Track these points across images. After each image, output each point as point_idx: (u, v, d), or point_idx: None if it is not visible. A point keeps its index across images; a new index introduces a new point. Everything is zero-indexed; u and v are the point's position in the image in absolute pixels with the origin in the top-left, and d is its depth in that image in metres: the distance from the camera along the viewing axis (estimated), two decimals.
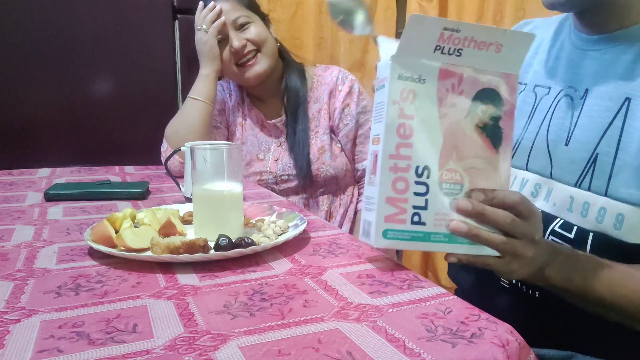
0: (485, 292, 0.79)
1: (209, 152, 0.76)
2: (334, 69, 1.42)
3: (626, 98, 0.65)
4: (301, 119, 1.35)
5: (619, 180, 0.64)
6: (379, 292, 0.57)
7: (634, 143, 0.63)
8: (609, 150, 0.66)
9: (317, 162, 1.34)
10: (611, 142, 0.66)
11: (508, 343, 0.47)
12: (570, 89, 0.73)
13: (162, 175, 1.31)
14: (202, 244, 0.66)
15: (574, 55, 0.74)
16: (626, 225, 0.63)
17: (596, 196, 0.66)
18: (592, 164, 0.67)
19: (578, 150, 0.69)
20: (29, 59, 1.45)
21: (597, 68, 0.70)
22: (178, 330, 0.48)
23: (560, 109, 0.73)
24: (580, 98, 0.71)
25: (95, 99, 1.52)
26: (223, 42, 1.30)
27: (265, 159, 1.38)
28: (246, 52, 1.29)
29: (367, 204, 0.63)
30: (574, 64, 0.73)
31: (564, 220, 0.70)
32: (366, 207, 0.63)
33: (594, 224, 0.66)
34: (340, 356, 0.44)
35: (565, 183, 0.70)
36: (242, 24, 1.29)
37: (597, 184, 0.66)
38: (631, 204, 0.63)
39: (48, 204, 0.99)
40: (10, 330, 0.48)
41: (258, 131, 1.40)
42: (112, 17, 1.51)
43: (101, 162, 1.44)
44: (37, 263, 0.66)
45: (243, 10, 1.30)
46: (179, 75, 1.59)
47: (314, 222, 0.87)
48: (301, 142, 1.34)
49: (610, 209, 0.65)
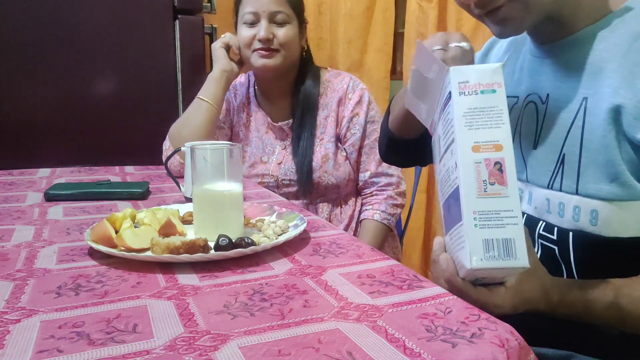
0: None
1: (209, 152, 0.76)
2: (345, 76, 1.41)
3: (583, 97, 0.68)
4: (308, 125, 1.34)
5: (587, 177, 0.66)
6: (379, 292, 0.57)
7: (596, 139, 0.65)
8: (574, 150, 0.68)
9: (319, 170, 1.33)
10: (575, 141, 0.68)
11: (508, 343, 0.47)
12: (534, 96, 0.76)
13: (162, 175, 1.31)
14: (202, 244, 0.66)
15: (534, 64, 0.77)
16: (601, 220, 0.65)
17: (569, 195, 0.68)
18: (561, 165, 0.69)
19: (546, 152, 0.72)
20: (29, 59, 1.45)
21: (554, 73, 0.73)
22: (178, 330, 0.48)
23: (527, 115, 0.77)
24: (542, 103, 0.74)
25: (96, 99, 1.52)
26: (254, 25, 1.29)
27: (269, 162, 1.38)
28: (267, 46, 1.29)
29: (490, 218, 0.54)
30: (535, 72, 0.77)
31: (545, 222, 0.72)
32: (486, 224, 0.54)
33: (572, 223, 0.68)
34: (340, 356, 0.44)
35: (539, 186, 0.72)
36: (278, 19, 1.29)
37: (568, 183, 0.68)
38: (602, 199, 0.65)
39: (48, 204, 0.99)
40: (10, 330, 0.48)
41: (263, 133, 1.40)
42: (113, 17, 1.51)
43: (101, 162, 1.44)
44: (37, 263, 0.66)
45: (286, 7, 1.30)
46: (179, 75, 1.59)
47: (314, 222, 0.87)
48: (305, 148, 1.33)
49: (584, 207, 0.66)
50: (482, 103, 0.56)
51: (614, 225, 0.65)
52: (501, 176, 0.54)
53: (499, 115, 0.55)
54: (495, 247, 0.53)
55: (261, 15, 1.28)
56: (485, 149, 0.55)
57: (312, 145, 1.34)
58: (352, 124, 1.36)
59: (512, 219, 0.53)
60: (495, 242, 0.53)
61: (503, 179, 0.54)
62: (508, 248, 0.53)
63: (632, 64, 0.64)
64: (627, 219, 0.64)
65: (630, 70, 0.64)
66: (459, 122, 0.56)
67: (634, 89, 0.62)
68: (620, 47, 0.66)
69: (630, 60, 0.65)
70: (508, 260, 0.52)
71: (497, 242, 0.53)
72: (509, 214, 0.53)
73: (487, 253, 0.53)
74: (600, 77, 0.67)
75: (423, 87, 0.68)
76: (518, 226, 0.53)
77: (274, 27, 1.29)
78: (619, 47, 0.66)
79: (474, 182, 0.54)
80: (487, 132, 0.55)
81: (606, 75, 0.66)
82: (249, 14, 1.29)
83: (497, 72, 0.57)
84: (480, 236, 0.53)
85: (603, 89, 0.66)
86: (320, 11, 2.14)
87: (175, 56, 1.58)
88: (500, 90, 0.56)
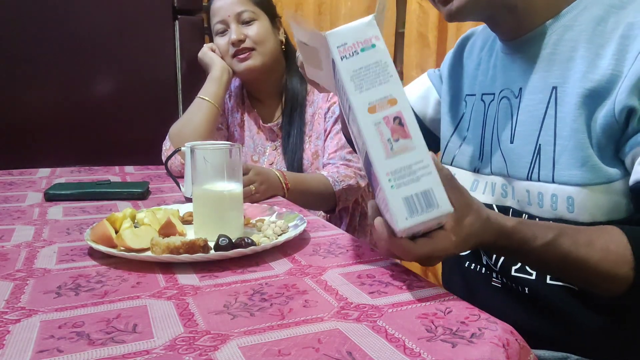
0: (477, 295, 0.79)
1: (209, 152, 0.76)
2: None
3: (553, 87, 0.70)
4: (297, 123, 1.34)
5: (561, 165, 0.68)
6: (379, 292, 0.57)
7: (567, 126, 0.67)
8: (549, 139, 0.69)
9: (311, 167, 1.33)
10: (549, 131, 0.70)
11: (508, 343, 0.47)
12: (507, 91, 0.78)
13: (162, 175, 1.31)
14: (202, 244, 0.66)
15: (505, 61, 0.79)
16: (577, 207, 0.66)
17: (546, 185, 0.69)
18: (537, 155, 0.71)
19: (523, 145, 0.73)
20: (29, 59, 1.45)
21: (524, 67, 0.75)
22: (178, 330, 0.48)
23: (502, 111, 0.78)
24: (515, 97, 0.76)
25: (96, 99, 1.52)
26: (225, 33, 1.31)
27: (260, 162, 1.38)
28: (242, 47, 1.30)
29: (403, 175, 0.54)
30: (506, 68, 0.79)
31: (528, 214, 0.73)
32: (402, 182, 0.54)
33: (551, 212, 0.69)
34: (340, 356, 0.44)
35: (519, 179, 0.73)
36: (245, 19, 1.30)
37: (544, 173, 0.69)
38: (575, 184, 0.66)
39: (48, 204, 0.99)
40: (10, 330, 0.48)
41: (254, 133, 1.40)
42: (112, 18, 1.51)
43: (101, 162, 1.44)
44: (37, 263, 0.66)
45: (250, 5, 1.30)
46: (179, 75, 1.59)
47: (314, 222, 0.87)
48: (295, 146, 1.33)
49: (560, 194, 0.67)
50: (365, 61, 0.55)
51: (590, 210, 0.66)
52: (403, 130, 0.54)
53: (385, 68, 0.55)
54: (417, 202, 0.53)
55: (228, 20, 1.30)
56: (380, 107, 0.54)
57: (301, 142, 1.34)
58: (329, 113, 1.33)
59: (424, 169, 0.53)
60: (415, 197, 0.53)
61: (405, 132, 0.54)
62: (428, 199, 0.53)
63: (598, 46, 0.67)
64: (601, 202, 0.66)
65: (596, 52, 0.67)
66: (349, 88, 0.55)
67: (600, 70, 0.65)
68: (586, 32, 0.69)
69: (595, 43, 0.67)
70: (432, 211, 0.53)
71: (417, 197, 0.53)
72: (420, 165, 0.53)
73: (410, 210, 0.53)
74: (569, 65, 0.69)
75: (313, 56, 0.67)
76: (432, 175, 0.53)
77: (243, 28, 1.30)
78: (584, 32, 0.69)
79: (380, 144, 0.54)
80: (378, 89, 0.54)
81: (575, 63, 0.68)
82: (218, 24, 1.32)
83: (371, 24, 0.55)
84: (399, 195, 0.53)
85: (572, 76, 0.68)
86: (321, 11, 2.14)
87: (175, 56, 1.58)
88: (379, 43, 0.55)
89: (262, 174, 1.05)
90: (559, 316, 0.71)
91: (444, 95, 0.92)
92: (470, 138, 0.84)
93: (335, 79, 0.60)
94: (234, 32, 1.29)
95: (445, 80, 0.92)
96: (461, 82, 0.90)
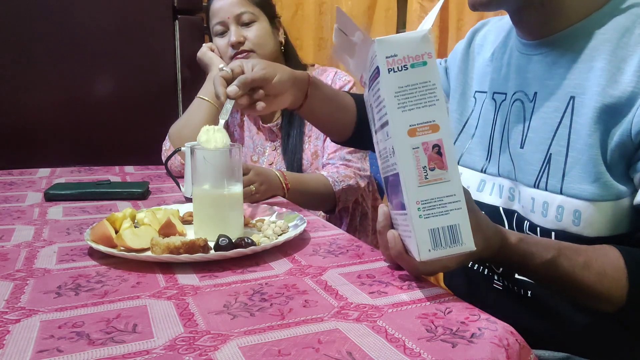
0: (478, 295, 0.79)
1: (209, 152, 0.76)
2: (331, 71, 1.39)
3: (571, 97, 0.68)
4: (296, 123, 1.34)
5: (571, 177, 0.66)
6: (379, 292, 0.57)
7: (581, 139, 0.66)
8: (561, 149, 0.68)
9: (310, 167, 1.33)
10: (562, 141, 0.68)
11: (508, 343, 0.47)
12: (521, 94, 0.75)
13: (162, 175, 1.30)
14: (202, 244, 0.66)
15: (521, 61, 0.76)
16: (583, 221, 0.65)
17: (553, 195, 0.68)
18: (547, 164, 0.69)
19: (533, 151, 0.71)
20: (29, 59, 1.45)
21: (542, 71, 0.72)
22: (178, 330, 0.48)
23: (514, 114, 0.76)
24: (530, 101, 0.73)
25: (96, 99, 1.52)
26: (225, 34, 1.31)
27: (259, 162, 1.38)
28: (241, 49, 1.29)
29: (433, 206, 0.53)
30: (521, 69, 0.76)
31: (530, 221, 0.72)
32: (431, 213, 0.53)
33: (555, 223, 0.68)
34: (340, 356, 0.44)
35: (526, 185, 0.72)
36: (245, 20, 1.29)
37: (553, 182, 0.68)
38: (585, 199, 0.65)
39: (48, 204, 0.99)
40: (10, 330, 0.48)
41: (254, 133, 1.40)
42: (112, 17, 1.51)
43: (101, 162, 1.44)
44: (37, 263, 0.66)
45: (250, 6, 1.30)
46: (179, 75, 1.59)
47: (314, 222, 0.87)
48: (294, 146, 1.33)
49: (567, 207, 0.66)
50: (413, 79, 0.53)
51: (596, 225, 0.65)
52: (440, 160, 0.52)
53: (432, 91, 0.53)
54: (442, 236, 0.53)
55: (228, 21, 1.29)
56: (421, 131, 0.52)
57: (301, 142, 1.33)
58: None
59: (455, 204, 0.52)
60: (441, 231, 0.52)
61: (443, 162, 0.52)
62: (454, 234, 0.52)
63: (620, 59, 0.64)
64: (607, 218, 0.65)
65: (617, 66, 0.64)
66: (391, 104, 0.53)
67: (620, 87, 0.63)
68: (610, 43, 0.66)
69: (618, 56, 0.65)
70: (455, 247, 0.53)
71: (443, 231, 0.53)
72: (451, 199, 0.52)
73: (435, 243, 0.53)
74: (589, 75, 0.66)
75: (348, 45, 0.65)
76: (461, 210, 0.52)
77: (243, 30, 1.29)
78: (609, 43, 0.66)
79: (414, 170, 0.52)
80: (422, 111, 0.52)
81: (595, 74, 0.66)
82: (218, 25, 1.30)
83: (426, 40, 0.52)
84: (426, 226, 0.52)
85: (591, 88, 0.65)
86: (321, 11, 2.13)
87: (175, 56, 1.58)
88: (431, 61, 0.52)
89: (262, 174, 1.05)
90: (560, 317, 0.70)
91: (452, 91, 0.89)
92: (478, 137, 0.82)
93: (371, 80, 0.58)
94: (233, 34, 1.28)
95: (454, 74, 0.89)
96: (471, 77, 0.87)
